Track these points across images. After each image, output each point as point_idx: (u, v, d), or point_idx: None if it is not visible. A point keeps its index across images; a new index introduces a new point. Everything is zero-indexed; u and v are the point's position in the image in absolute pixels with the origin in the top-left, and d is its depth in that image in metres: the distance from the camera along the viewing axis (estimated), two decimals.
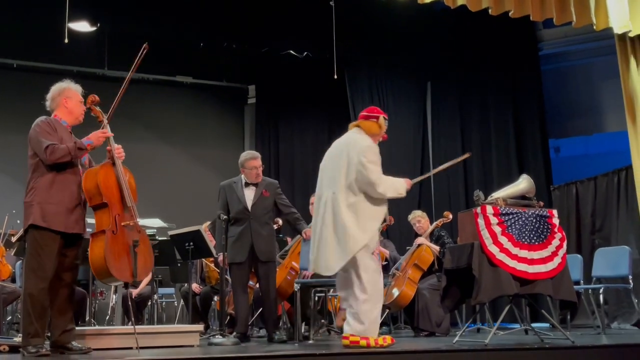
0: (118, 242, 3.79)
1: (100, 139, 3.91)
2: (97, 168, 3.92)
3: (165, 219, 6.33)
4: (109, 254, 3.72)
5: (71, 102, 4.02)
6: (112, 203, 3.85)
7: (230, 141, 9.83)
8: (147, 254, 3.95)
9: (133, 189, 4.04)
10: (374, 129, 4.36)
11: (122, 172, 3.97)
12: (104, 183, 3.85)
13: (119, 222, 3.83)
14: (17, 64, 8.93)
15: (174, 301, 8.25)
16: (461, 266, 4.41)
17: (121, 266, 3.76)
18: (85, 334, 4.41)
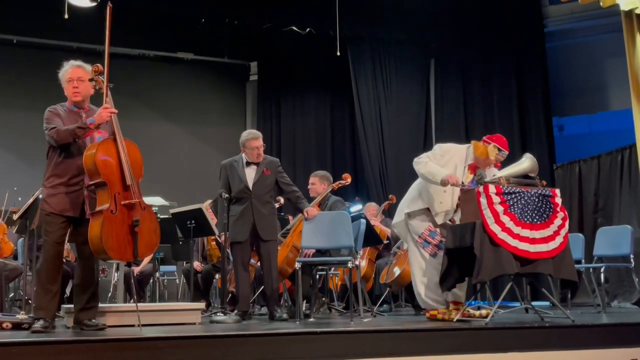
0: (117, 222, 3.72)
1: (103, 117, 3.85)
2: (97, 144, 3.83)
3: (167, 197, 6.33)
4: (105, 234, 3.67)
5: (64, 86, 4.04)
6: (112, 182, 3.76)
7: (232, 118, 9.79)
8: (151, 232, 3.86)
9: (138, 164, 3.93)
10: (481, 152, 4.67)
11: (123, 147, 3.85)
12: (102, 161, 3.76)
13: (119, 201, 3.75)
14: (17, 40, 8.87)
15: (175, 279, 8.29)
16: (464, 245, 4.41)
17: (119, 246, 3.71)
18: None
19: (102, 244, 3.66)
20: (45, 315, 3.85)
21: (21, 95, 8.94)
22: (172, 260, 7.73)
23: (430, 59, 9.31)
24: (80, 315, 3.94)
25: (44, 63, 9.11)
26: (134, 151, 3.94)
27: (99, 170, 3.75)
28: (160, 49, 9.56)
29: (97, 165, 3.75)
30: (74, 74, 4.02)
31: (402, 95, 9.00)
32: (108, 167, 3.77)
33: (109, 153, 3.81)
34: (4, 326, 4.14)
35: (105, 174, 3.76)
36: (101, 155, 3.78)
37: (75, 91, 4.00)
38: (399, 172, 8.71)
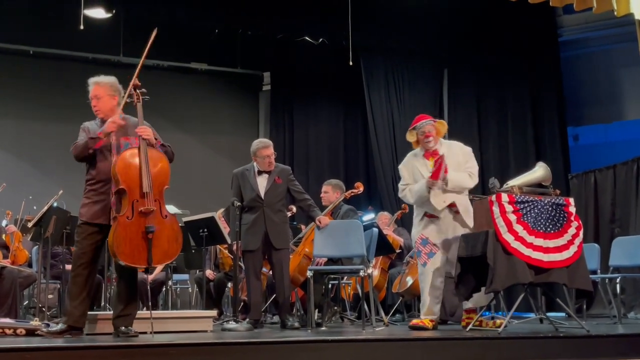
0: (131, 228, 3.76)
1: (109, 127, 3.92)
2: (122, 153, 3.92)
3: (180, 205, 6.35)
4: (117, 238, 3.72)
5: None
6: (131, 188, 3.81)
7: (245, 128, 9.82)
8: (171, 240, 3.86)
9: (163, 173, 3.96)
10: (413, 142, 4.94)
11: (146, 156, 3.88)
12: (123, 168, 3.83)
13: (136, 208, 3.79)
14: (34, 50, 8.97)
15: (188, 287, 8.30)
16: (476, 254, 4.39)
17: (132, 252, 3.74)
18: (100, 318, 4.46)
19: (114, 248, 3.72)
20: (66, 320, 3.92)
21: (37, 106, 9.04)
22: (184, 269, 7.75)
23: (443, 69, 9.29)
24: (115, 322, 3.99)
25: (60, 73, 9.24)
26: (159, 160, 3.98)
27: (119, 178, 3.83)
28: (174, 59, 9.63)
29: (118, 172, 3.83)
30: (92, 93, 4.12)
31: (415, 105, 8.98)
32: (128, 174, 3.83)
33: (131, 161, 3.87)
34: (18, 332, 4.17)
35: (125, 180, 3.82)
36: (123, 163, 3.85)
37: (95, 110, 4.11)
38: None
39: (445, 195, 4.56)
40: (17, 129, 8.90)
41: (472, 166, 4.69)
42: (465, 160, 4.70)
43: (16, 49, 8.88)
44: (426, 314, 4.63)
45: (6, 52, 8.89)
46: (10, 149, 8.72)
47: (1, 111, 8.85)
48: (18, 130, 8.90)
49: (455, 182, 4.56)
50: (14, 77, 8.93)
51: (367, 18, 8.19)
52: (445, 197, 4.56)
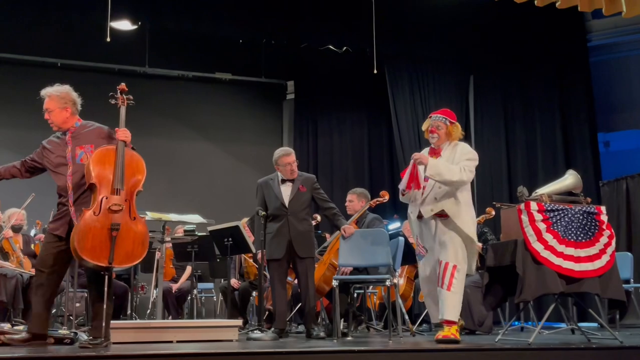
0: (96, 224, 3.69)
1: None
2: (101, 148, 3.92)
3: (205, 214, 6.36)
4: (80, 232, 3.65)
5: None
6: (102, 184, 3.78)
7: (269, 137, 9.85)
8: (136, 243, 3.78)
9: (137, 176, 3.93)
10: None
11: (122, 155, 3.86)
12: (96, 163, 3.81)
13: (105, 205, 3.74)
14: (61, 62, 9.12)
15: (212, 296, 8.32)
16: (504, 263, 4.32)
17: (94, 248, 3.65)
18: (126, 327, 4.47)
19: (75, 242, 3.64)
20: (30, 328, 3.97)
21: None
22: (209, 278, 7.77)
23: (469, 75, 9.20)
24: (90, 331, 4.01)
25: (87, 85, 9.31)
26: (136, 162, 3.97)
27: (91, 172, 3.81)
28: (198, 70, 9.72)
29: (91, 167, 3.82)
30: (44, 105, 4.11)
31: None
32: (100, 169, 3.82)
33: (106, 157, 3.86)
34: (47, 341, 4.20)
35: (97, 175, 3.80)
36: (97, 158, 3.85)
37: (49, 122, 4.11)
38: None
39: (435, 203, 4.29)
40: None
41: (466, 164, 4.28)
42: (462, 158, 4.32)
43: (44, 61, 9.04)
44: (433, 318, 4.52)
45: (34, 65, 9.05)
46: None
47: (29, 123, 8.95)
48: None
49: (436, 169, 4.19)
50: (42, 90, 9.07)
51: (392, 26, 8.16)
52: (435, 205, 4.31)
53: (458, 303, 4.26)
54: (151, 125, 9.47)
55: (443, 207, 4.26)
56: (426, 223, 4.40)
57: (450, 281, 4.21)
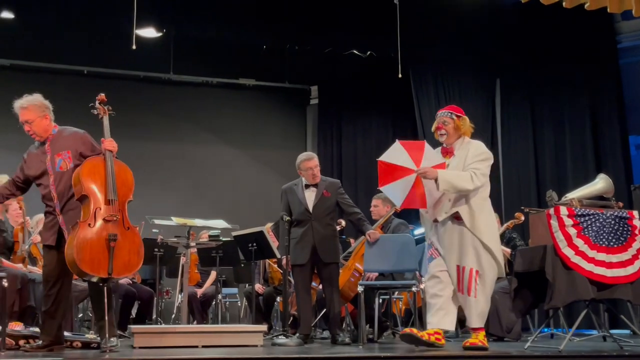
0: (93, 235, 3.67)
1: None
2: (85, 161, 3.89)
3: (229, 220, 6.38)
4: (78, 245, 3.61)
5: None
6: (94, 196, 3.76)
7: (293, 142, 9.83)
8: (132, 253, 3.78)
9: (127, 185, 3.93)
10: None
11: (111, 165, 3.86)
12: (86, 175, 3.79)
13: (99, 216, 3.73)
14: (88, 70, 9.23)
15: (237, 301, 8.32)
16: (533, 269, 4.27)
17: (92, 259, 3.62)
18: (152, 332, 4.49)
19: (74, 254, 3.60)
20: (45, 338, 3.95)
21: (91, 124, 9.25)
22: (233, 283, 7.77)
23: (496, 78, 9.09)
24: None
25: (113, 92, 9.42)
26: (124, 172, 3.97)
27: (82, 184, 3.77)
28: (222, 76, 9.77)
29: (81, 178, 3.79)
30: (21, 118, 4.01)
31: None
32: (91, 181, 3.79)
33: (95, 168, 3.85)
34: (75, 345, 4.24)
35: (88, 187, 3.77)
36: (87, 170, 3.82)
37: (31, 134, 4.03)
38: None
39: (449, 206, 4.10)
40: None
41: (477, 167, 4.04)
42: (473, 160, 4.10)
43: (71, 69, 9.15)
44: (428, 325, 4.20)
45: (61, 72, 9.17)
46: None
47: None
48: None
49: (448, 184, 3.95)
50: (68, 97, 9.18)
51: (416, 29, 8.10)
52: (448, 206, 4.09)
53: (484, 309, 4.10)
54: (175, 131, 9.53)
55: (457, 209, 4.06)
56: (443, 225, 4.16)
57: (474, 287, 4.03)
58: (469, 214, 4.06)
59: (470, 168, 4.05)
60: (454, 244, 4.10)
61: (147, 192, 9.14)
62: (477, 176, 4.01)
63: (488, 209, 4.18)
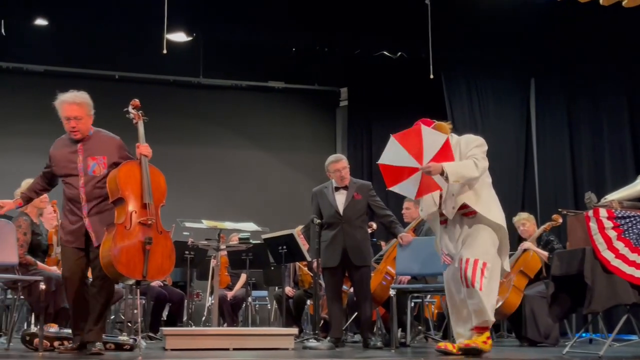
0: (129, 238, 3.70)
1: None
2: (122, 164, 3.90)
3: (259, 222, 6.38)
4: (115, 246, 3.63)
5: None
6: (130, 199, 3.78)
7: (322, 145, 9.80)
8: (165, 257, 3.82)
9: (161, 190, 3.96)
10: None
11: (147, 170, 3.89)
12: (123, 179, 3.80)
13: (135, 219, 3.75)
14: (119, 75, 9.34)
15: (267, 304, 8.32)
16: (571, 273, 4.16)
17: (129, 262, 3.65)
18: (183, 334, 4.49)
19: (111, 256, 3.60)
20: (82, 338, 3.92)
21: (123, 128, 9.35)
22: (263, 285, 7.76)
23: (530, 78, 8.93)
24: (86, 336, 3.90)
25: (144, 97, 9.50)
26: (158, 177, 3.99)
27: (119, 187, 3.78)
28: (252, 79, 9.79)
29: (118, 181, 3.79)
30: (71, 113, 3.93)
31: (500, 117, 8.67)
32: (128, 184, 3.81)
33: (131, 172, 3.86)
34: (108, 347, 4.26)
35: (124, 190, 3.78)
36: (123, 173, 3.83)
37: (74, 131, 3.94)
38: (499, 195, 8.13)
39: (454, 199, 3.95)
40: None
41: (475, 153, 3.95)
42: (468, 149, 3.99)
43: (102, 74, 9.27)
44: (455, 337, 4.07)
45: (93, 78, 9.29)
46: None
47: None
48: None
49: (457, 174, 3.82)
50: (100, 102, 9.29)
51: (448, 29, 8.00)
52: (455, 201, 3.94)
53: (492, 305, 3.89)
54: (206, 135, 9.59)
55: (464, 200, 3.92)
56: (451, 225, 4.04)
57: (480, 280, 3.78)
58: (476, 201, 3.94)
59: (469, 156, 3.96)
60: (461, 239, 3.96)
61: (178, 196, 9.19)
62: (479, 160, 3.92)
63: (494, 196, 4.10)
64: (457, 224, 4.01)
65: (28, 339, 4.24)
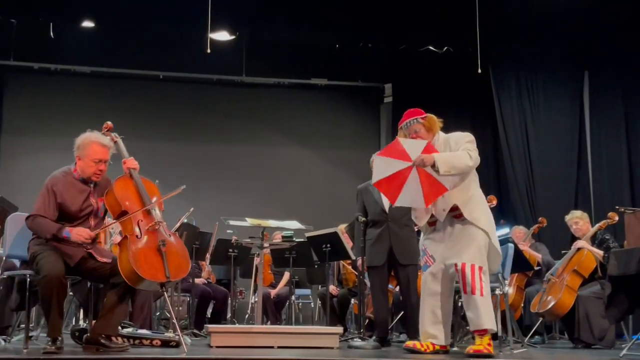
0: (144, 245, 3.74)
1: (79, 238, 3.71)
2: (114, 182, 3.92)
3: (303, 220, 6.34)
4: (133, 255, 3.65)
5: (82, 162, 3.87)
6: (133, 210, 3.82)
7: (366, 142, 9.70)
8: (180, 257, 3.85)
9: (158, 197, 4.00)
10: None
11: (139, 180, 3.94)
12: (120, 193, 3.84)
13: (143, 227, 3.80)
14: (163, 75, 9.45)
15: (310, 302, 8.28)
16: (629, 272, 3.99)
17: (149, 266, 3.66)
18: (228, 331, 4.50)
19: (132, 264, 3.61)
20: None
21: (167, 127, 9.49)
22: (306, 284, 7.72)
23: (584, 71, 8.63)
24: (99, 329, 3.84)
25: (187, 96, 9.68)
26: (150, 185, 4.03)
27: (118, 201, 3.82)
28: (294, 76, 9.77)
29: (117, 196, 3.82)
30: (103, 155, 3.88)
31: (552, 112, 8.42)
32: (126, 196, 3.85)
33: (125, 185, 3.91)
34: (154, 343, 4.29)
35: (124, 202, 3.82)
36: (119, 188, 3.86)
37: (100, 174, 3.89)
38: (550, 193, 8.13)
39: (444, 200, 3.83)
40: (149, 149, 9.35)
41: (467, 147, 3.85)
42: (459, 146, 3.89)
43: (147, 74, 9.41)
44: (422, 336, 4.01)
45: (138, 78, 9.45)
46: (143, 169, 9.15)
47: (135, 134, 9.24)
48: (150, 151, 9.35)
49: (448, 164, 3.72)
50: (144, 102, 9.46)
51: (497, 22, 7.80)
52: (445, 202, 3.84)
53: (491, 309, 3.81)
54: (248, 133, 9.61)
55: (454, 201, 3.82)
56: (440, 226, 3.93)
57: (480, 285, 3.72)
58: (466, 203, 3.84)
59: (462, 149, 3.86)
60: (454, 242, 3.85)
61: (221, 194, 9.27)
62: (472, 151, 3.84)
63: (483, 199, 3.99)
64: (447, 226, 3.92)
65: (77, 334, 4.29)
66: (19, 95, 9.14)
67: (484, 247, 3.82)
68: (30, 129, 8.70)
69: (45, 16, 7.75)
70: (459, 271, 3.77)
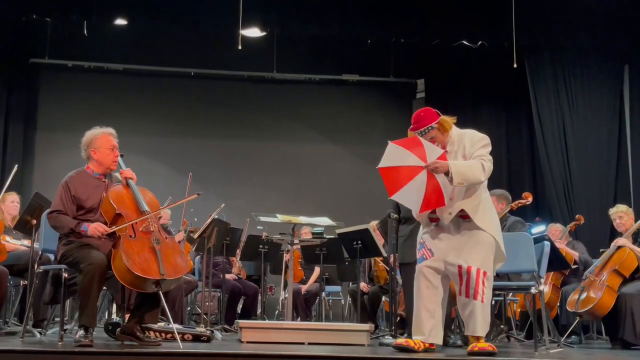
0: (137, 244, 3.74)
1: (95, 233, 3.77)
2: (110, 189, 3.94)
3: (333, 217, 6.28)
4: (126, 253, 3.63)
5: (99, 153, 4.00)
6: (127, 212, 3.85)
7: (398, 138, 9.49)
8: (176, 256, 3.84)
9: (154, 204, 4.01)
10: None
11: (135, 188, 3.96)
12: (115, 198, 3.88)
13: (137, 228, 3.82)
14: (195, 72, 9.50)
15: (340, 299, 8.22)
16: None
17: (142, 263, 3.63)
18: (259, 327, 4.50)
19: (124, 262, 3.59)
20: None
21: (198, 123, 9.54)
22: (337, 280, 7.67)
23: (624, 65, 8.37)
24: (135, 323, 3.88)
25: (218, 92, 9.72)
26: (147, 193, 4.04)
27: (114, 205, 3.84)
28: (325, 72, 9.72)
29: (112, 201, 3.85)
30: (114, 142, 4.03)
31: (590, 106, 8.19)
32: (121, 202, 3.88)
33: (120, 193, 3.94)
34: (186, 337, 4.30)
35: (119, 207, 3.84)
36: (114, 194, 3.90)
37: (116, 162, 4.01)
38: (587, 190, 7.92)
39: (452, 205, 3.70)
40: (180, 146, 9.43)
41: (481, 154, 3.69)
42: (474, 148, 3.74)
43: (178, 71, 9.48)
44: (414, 332, 3.86)
45: (169, 75, 9.51)
46: (174, 166, 9.24)
47: (166, 130, 9.44)
48: (181, 148, 9.43)
49: (462, 176, 3.58)
50: (176, 98, 9.52)
51: (532, 16, 7.62)
52: (452, 207, 3.71)
53: (488, 317, 3.70)
54: (279, 129, 9.60)
55: (462, 206, 3.67)
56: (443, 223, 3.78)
57: (482, 290, 3.60)
58: (475, 209, 3.69)
59: (476, 156, 3.69)
60: (460, 242, 3.71)
61: (252, 190, 9.27)
62: (487, 162, 3.68)
63: (491, 204, 3.84)
64: (452, 225, 3.76)
65: (110, 328, 4.31)
66: (53, 93, 9.28)
67: (491, 253, 3.71)
68: (64, 126, 8.83)
69: (78, 15, 7.85)
70: (464, 273, 3.65)
